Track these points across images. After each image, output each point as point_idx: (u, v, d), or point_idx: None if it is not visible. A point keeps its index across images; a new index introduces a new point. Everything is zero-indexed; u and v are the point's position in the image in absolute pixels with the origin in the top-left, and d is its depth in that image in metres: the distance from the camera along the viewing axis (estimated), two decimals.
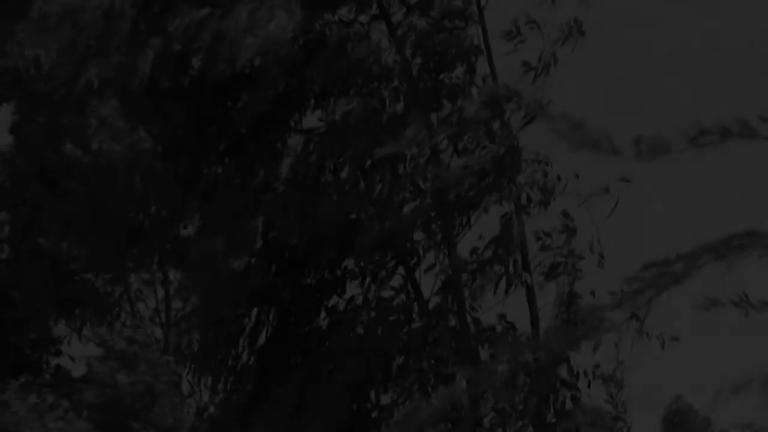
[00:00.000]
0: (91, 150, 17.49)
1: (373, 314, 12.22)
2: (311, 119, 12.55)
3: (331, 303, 12.38)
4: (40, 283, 18.24)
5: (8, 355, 17.19)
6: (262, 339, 12.73)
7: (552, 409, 11.26)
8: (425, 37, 12.07)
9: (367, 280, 12.24)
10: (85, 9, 11.23)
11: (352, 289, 12.39)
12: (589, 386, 11.80)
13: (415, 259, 12.22)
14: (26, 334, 17.76)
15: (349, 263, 12.11)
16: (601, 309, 3.98)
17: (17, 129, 18.58)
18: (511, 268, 11.93)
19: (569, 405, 11.45)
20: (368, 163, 12.09)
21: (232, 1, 11.58)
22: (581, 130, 4.64)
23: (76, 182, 17.86)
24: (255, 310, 12.56)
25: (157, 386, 16.37)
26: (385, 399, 11.73)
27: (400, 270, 12.24)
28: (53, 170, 17.68)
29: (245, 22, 10.97)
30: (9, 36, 18.23)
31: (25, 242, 18.41)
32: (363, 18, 12.24)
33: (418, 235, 12.25)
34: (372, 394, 11.63)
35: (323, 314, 12.35)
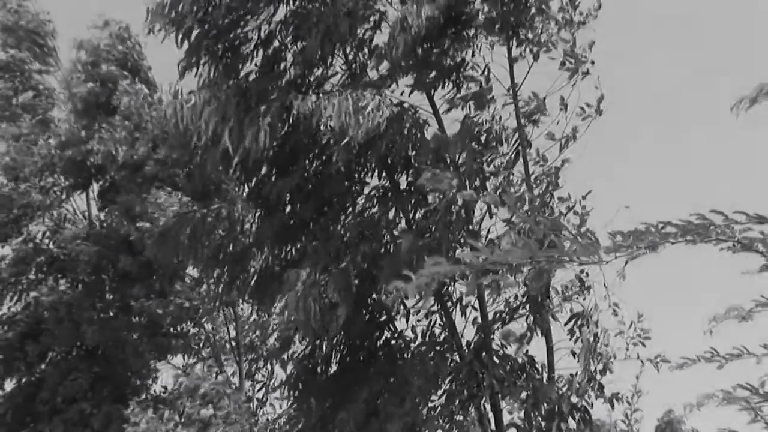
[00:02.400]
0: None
1: (424, 347, 13.48)
2: None
3: (383, 335, 13.76)
4: (133, 333, 19.13)
5: (113, 386, 18.01)
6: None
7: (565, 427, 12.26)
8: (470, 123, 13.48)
9: (416, 316, 13.65)
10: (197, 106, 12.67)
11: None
12: (612, 408, 12.83)
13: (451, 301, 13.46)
14: (127, 370, 18.52)
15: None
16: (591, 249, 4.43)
17: (103, 210, 19.47)
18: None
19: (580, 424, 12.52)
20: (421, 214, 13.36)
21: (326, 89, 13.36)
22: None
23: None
24: (326, 344, 13.93)
25: (239, 414, 17.25)
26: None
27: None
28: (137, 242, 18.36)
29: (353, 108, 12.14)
30: (93, 131, 19.39)
31: (120, 302, 19.10)
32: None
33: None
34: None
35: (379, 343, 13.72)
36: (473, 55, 13.61)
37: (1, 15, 20.71)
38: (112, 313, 19.50)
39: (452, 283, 13.60)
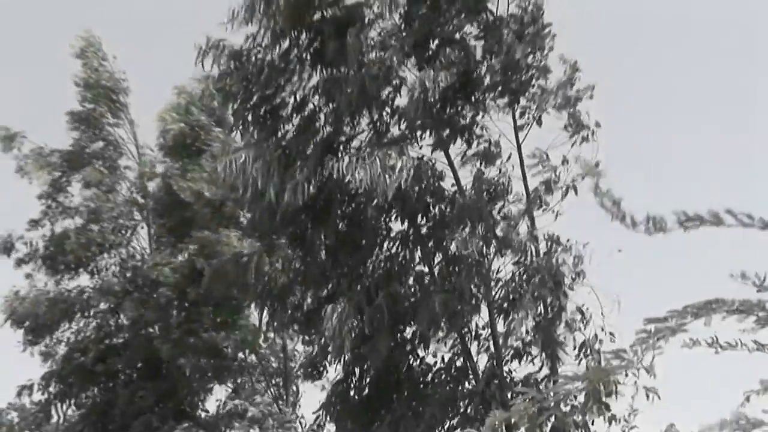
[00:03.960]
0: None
1: (443, 373, 13.44)
2: None
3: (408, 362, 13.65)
4: (197, 354, 19.71)
5: (174, 404, 17.84)
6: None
7: None
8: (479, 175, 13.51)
9: (436, 345, 13.53)
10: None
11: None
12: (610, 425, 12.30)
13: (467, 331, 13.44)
14: (188, 388, 18.47)
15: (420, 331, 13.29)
16: (621, 350, 4.64)
17: (175, 247, 19.28)
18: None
19: None
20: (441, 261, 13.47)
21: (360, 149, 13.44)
22: (618, 207, 5.46)
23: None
24: (358, 370, 13.92)
25: None
26: None
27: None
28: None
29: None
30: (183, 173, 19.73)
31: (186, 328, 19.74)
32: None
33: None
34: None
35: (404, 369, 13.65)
36: (482, 116, 13.84)
37: (83, 72, 20.44)
38: (181, 332, 19.28)
39: (470, 317, 13.18)
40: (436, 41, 13.60)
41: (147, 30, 34.92)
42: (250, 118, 14.21)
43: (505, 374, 12.70)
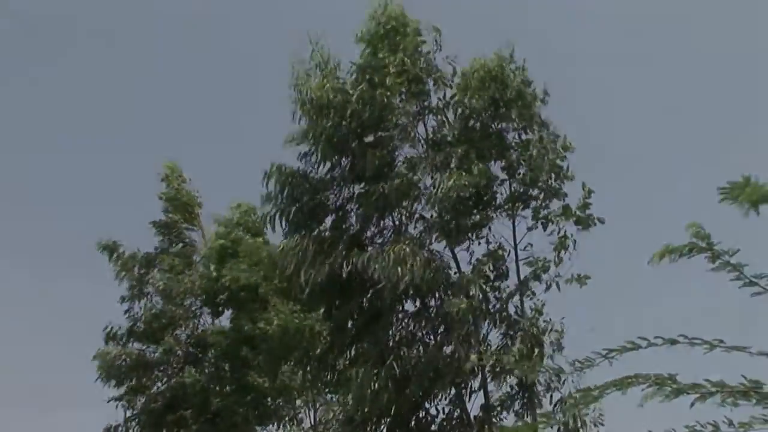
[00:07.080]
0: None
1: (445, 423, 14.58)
2: None
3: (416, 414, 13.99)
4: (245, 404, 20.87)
5: None
6: None
7: None
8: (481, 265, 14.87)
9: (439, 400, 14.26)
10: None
11: None
12: None
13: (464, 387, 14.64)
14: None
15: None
16: (549, 413, 5.04)
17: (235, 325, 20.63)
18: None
19: None
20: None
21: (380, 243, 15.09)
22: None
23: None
24: (375, 419, 15.03)
25: None
26: None
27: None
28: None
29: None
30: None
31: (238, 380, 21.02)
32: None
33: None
34: None
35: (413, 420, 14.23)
36: (485, 224, 15.07)
37: (165, 190, 23.38)
38: (232, 388, 20.91)
39: (467, 379, 13.90)
40: (455, 162, 14.70)
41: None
42: (293, 218, 15.33)
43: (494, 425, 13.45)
